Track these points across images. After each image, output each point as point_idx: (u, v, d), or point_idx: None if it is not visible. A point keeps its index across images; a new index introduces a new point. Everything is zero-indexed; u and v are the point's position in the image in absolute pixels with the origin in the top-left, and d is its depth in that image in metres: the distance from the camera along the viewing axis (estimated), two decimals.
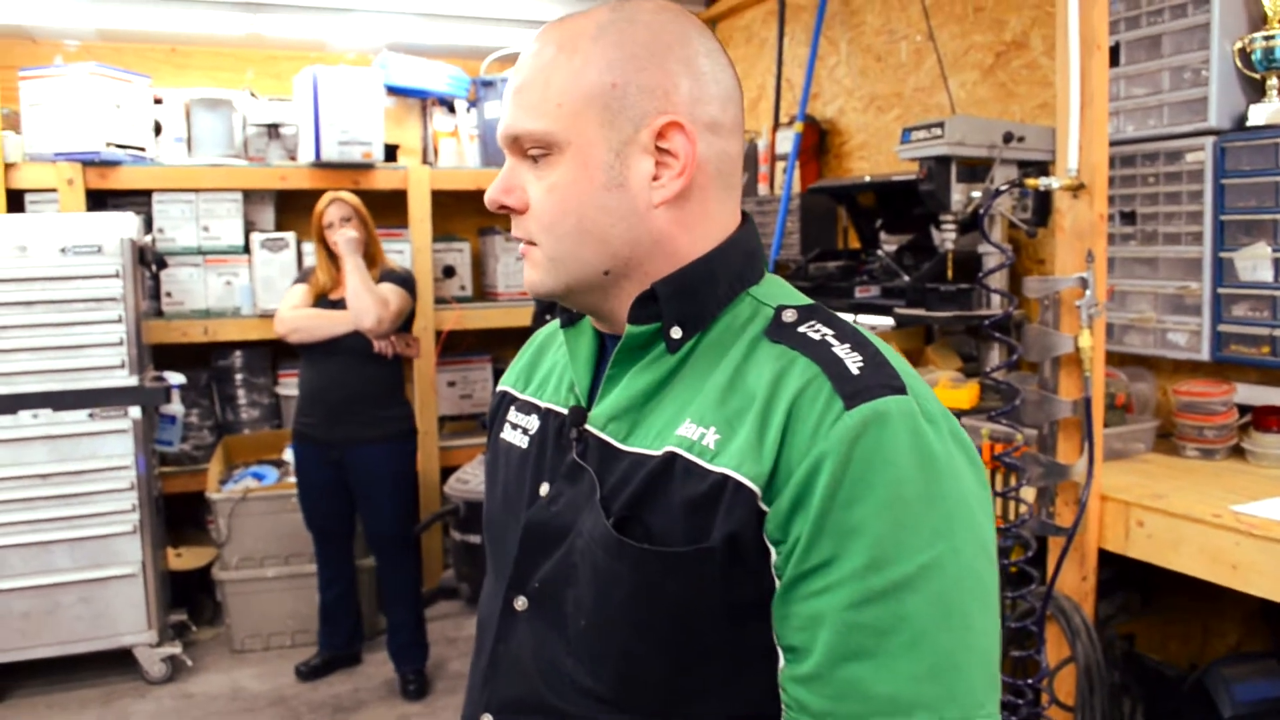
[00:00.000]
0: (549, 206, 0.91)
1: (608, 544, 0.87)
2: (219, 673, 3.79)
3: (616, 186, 0.90)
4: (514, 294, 4.79)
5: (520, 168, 0.94)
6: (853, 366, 0.84)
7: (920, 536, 0.78)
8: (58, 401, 3.51)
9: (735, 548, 0.83)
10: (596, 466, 0.92)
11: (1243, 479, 2.19)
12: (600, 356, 1.01)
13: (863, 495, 0.78)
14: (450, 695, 3.59)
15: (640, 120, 0.90)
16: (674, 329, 0.92)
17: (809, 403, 0.83)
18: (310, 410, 3.55)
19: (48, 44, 4.36)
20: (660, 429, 0.90)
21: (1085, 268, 2.10)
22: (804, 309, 0.93)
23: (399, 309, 3.45)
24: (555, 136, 0.90)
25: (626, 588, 0.87)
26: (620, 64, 0.90)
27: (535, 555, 0.96)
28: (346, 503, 3.60)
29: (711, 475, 0.84)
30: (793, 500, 0.81)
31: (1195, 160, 2.39)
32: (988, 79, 3.16)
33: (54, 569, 3.55)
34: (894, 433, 0.80)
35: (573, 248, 0.92)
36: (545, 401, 1.05)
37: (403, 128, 4.66)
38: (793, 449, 0.82)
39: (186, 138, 4.30)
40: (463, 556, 4.37)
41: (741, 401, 0.86)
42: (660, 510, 0.86)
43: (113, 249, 3.54)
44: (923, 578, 0.78)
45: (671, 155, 0.91)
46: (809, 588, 0.80)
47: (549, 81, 0.91)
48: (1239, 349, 2.35)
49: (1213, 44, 2.34)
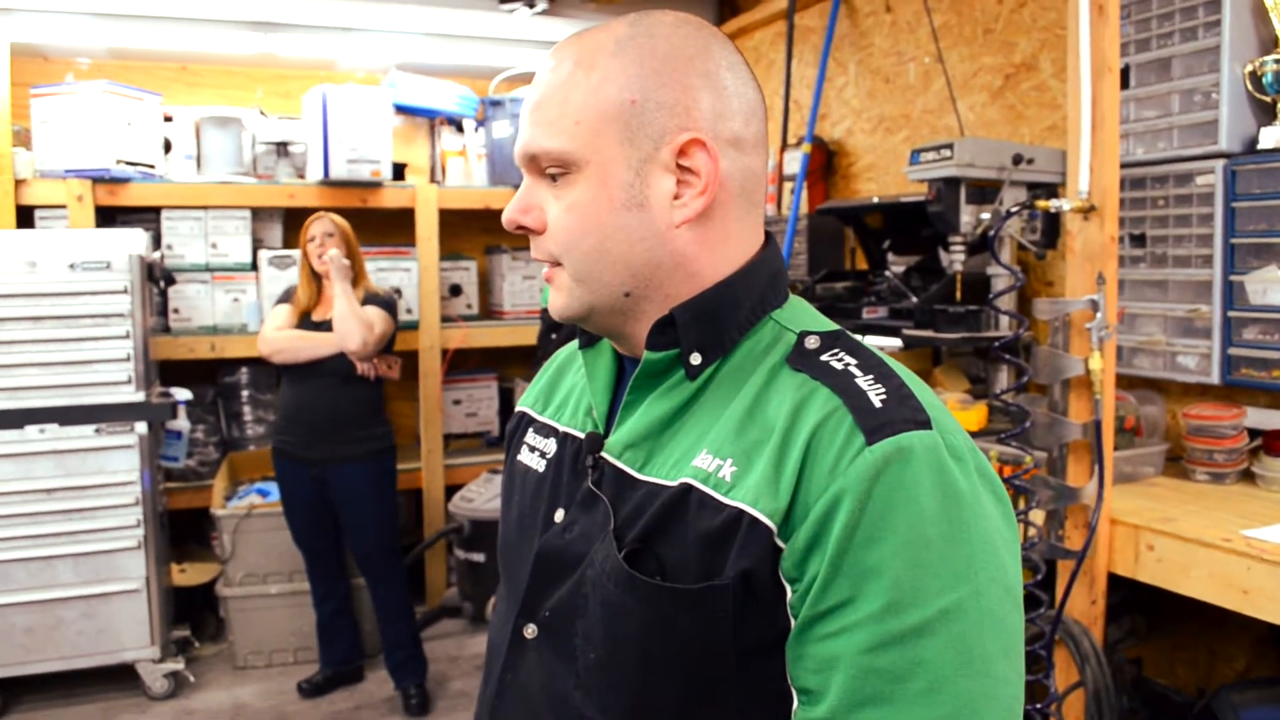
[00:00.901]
0: (568, 226, 0.89)
1: (619, 577, 0.85)
2: (221, 689, 3.77)
3: (636, 206, 0.88)
4: (520, 313, 4.79)
5: (538, 187, 0.92)
6: (875, 399, 0.81)
7: (941, 579, 0.75)
8: (64, 417, 3.51)
9: (749, 585, 0.80)
10: (611, 495, 0.90)
11: (1253, 503, 2.18)
12: (619, 380, 0.99)
13: (882, 535, 0.75)
14: (452, 713, 3.57)
15: (660, 137, 0.87)
16: (693, 355, 0.89)
17: (829, 436, 0.80)
18: (290, 429, 3.57)
19: (60, 62, 4.39)
20: (677, 459, 0.87)
21: (1096, 290, 2.09)
22: (827, 335, 0.89)
23: (383, 332, 3.49)
24: (573, 155, 0.87)
25: (637, 622, 0.84)
26: (640, 80, 0.87)
27: (546, 584, 0.93)
28: (331, 519, 3.61)
29: (726, 509, 0.81)
30: (809, 538, 0.78)
31: (1205, 183, 2.38)
32: (996, 101, 3.17)
33: (58, 584, 3.53)
34: (917, 470, 0.77)
35: (592, 269, 0.89)
36: (564, 425, 1.03)
37: (411, 146, 4.68)
38: (811, 484, 0.79)
39: (196, 155, 4.32)
40: (466, 575, 4.35)
41: (760, 433, 0.83)
42: (674, 543, 0.84)
43: (121, 265, 3.55)
44: (942, 621, 0.74)
45: (693, 173, 0.88)
46: (824, 629, 0.77)
47: (567, 99, 0.88)
48: (1249, 372, 2.34)
49: (1223, 67, 2.34)
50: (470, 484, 4.44)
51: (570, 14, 3.94)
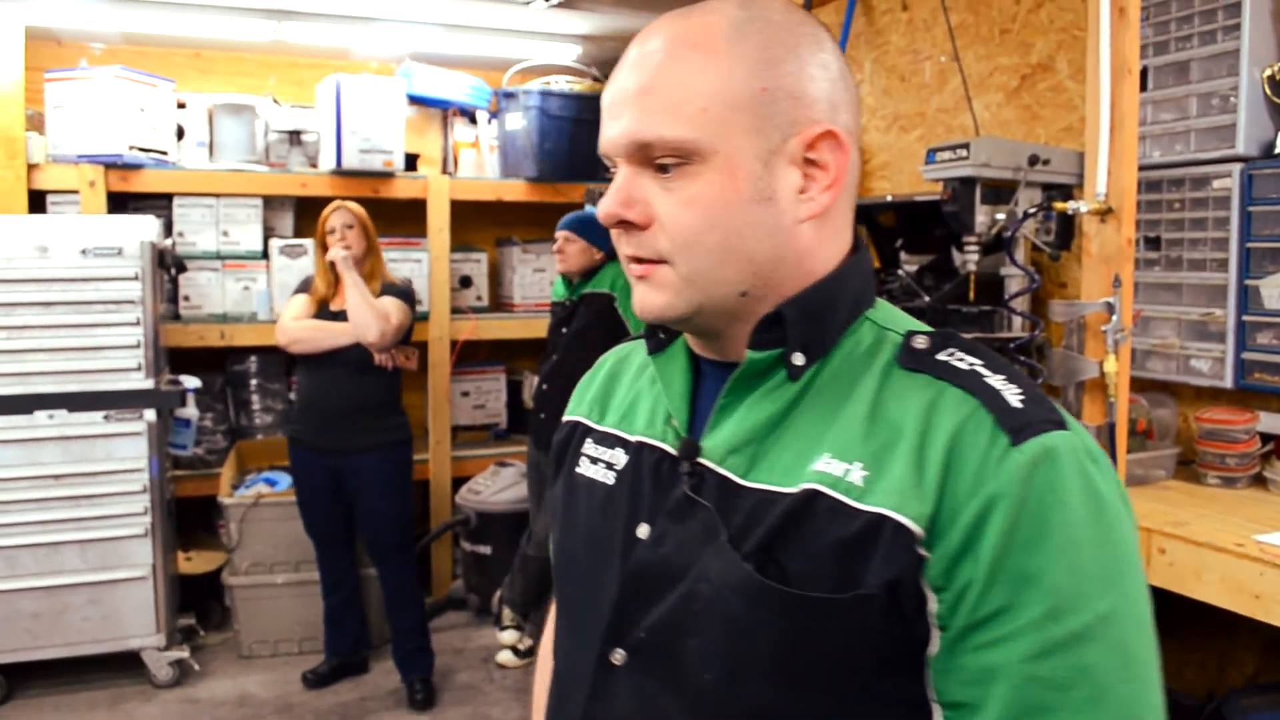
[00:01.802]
0: (689, 222, 0.82)
1: (748, 589, 0.79)
2: (226, 678, 3.78)
3: (765, 200, 0.82)
4: (530, 305, 4.79)
5: (640, 178, 0.85)
6: (1013, 399, 0.78)
7: (1096, 583, 0.73)
8: (73, 403, 3.52)
9: (895, 595, 0.76)
10: (716, 504, 0.84)
11: (1265, 508, 2.17)
12: (695, 383, 0.93)
13: (1039, 539, 0.73)
14: (457, 706, 3.58)
15: (789, 128, 0.83)
16: (796, 355, 0.85)
17: (971, 437, 0.76)
18: (305, 418, 3.58)
19: (73, 46, 4.39)
20: (789, 464, 0.82)
21: (1112, 292, 2.08)
22: (936, 335, 0.85)
23: (400, 323, 3.48)
24: (699, 145, 0.81)
25: (771, 638, 0.79)
26: (767, 66, 0.82)
27: (641, 602, 0.86)
28: (344, 510, 3.61)
29: (863, 515, 0.77)
30: (960, 544, 0.74)
31: (1222, 187, 2.37)
32: (1012, 101, 3.15)
33: (64, 570, 3.54)
34: (1064, 471, 0.75)
35: (713, 266, 0.83)
36: (636, 435, 0.95)
37: (424, 137, 4.68)
38: (957, 488, 0.75)
39: (208, 142, 4.32)
40: (472, 567, 4.36)
41: (887, 435, 0.79)
42: (800, 552, 0.79)
43: (133, 251, 3.55)
44: (1102, 626, 0.73)
45: (819, 166, 0.84)
46: (980, 638, 0.74)
47: (688, 83, 0.82)
48: (1263, 377, 2.33)
49: (1242, 70, 2.33)
50: (478, 476, 4.44)
51: (587, 7, 3.92)
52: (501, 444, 4.87)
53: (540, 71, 4.73)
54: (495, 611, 4.12)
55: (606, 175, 0.89)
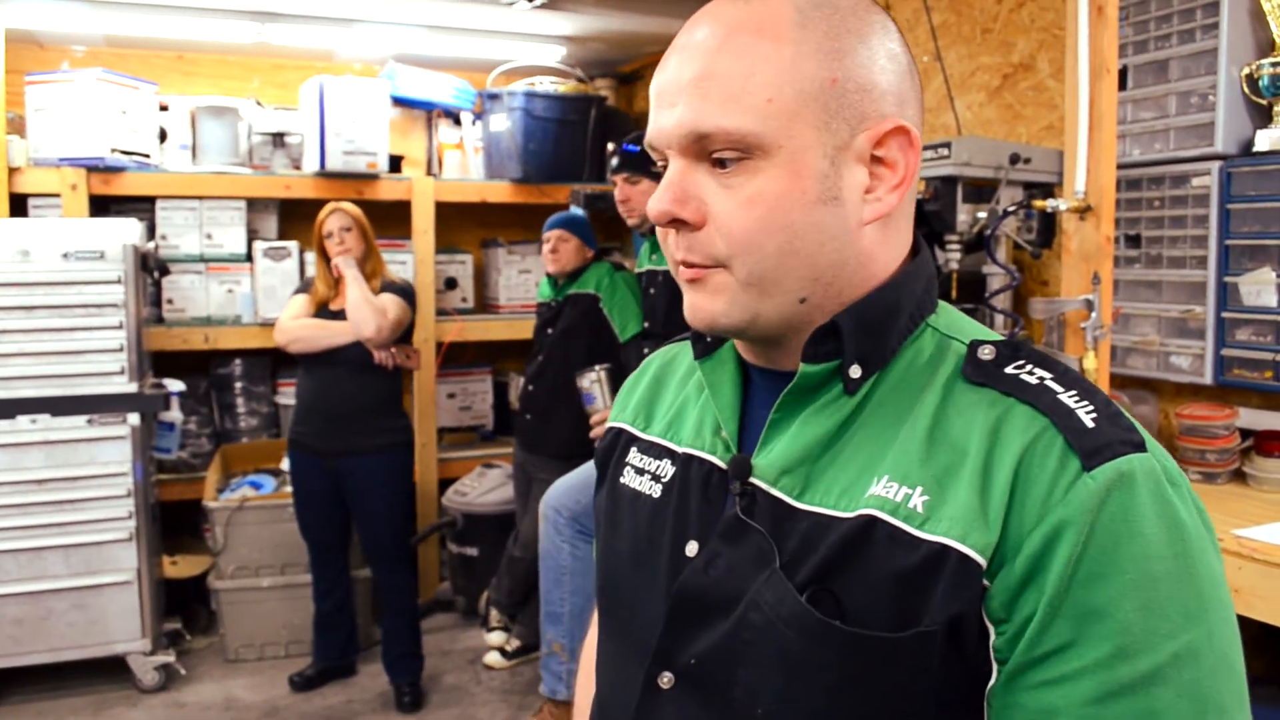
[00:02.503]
0: (750, 223, 0.77)
1: (804, 625, 0.75)
2: (212, 682, 3.77)
3: (831, 200, 0.77)
4: (515, 306, 4.79)
5: (695, 174, 0.79)
6: (1086, 418, 0.72)
7: (1171, 621, 0.67)
8: (56, 407, 3.50)
9: (958, 631, 0.71)
10: (768, 528, 0.79)
11: (1244, 503, 2.19)
12: (745, 392, 0.88)
13: (1108, 572, 0.68)
14: (444, 709, 3.57)
15: (857, 123, 0.77)
16: (853, 368, 0.79)
17: (1039, 460, 0.71)
18: (306, 419, 3.55)
19: (55, 49, 4.37)
20: (845, 486, 0.77)
21: (1091, 290, 2.10)
22: (1003, 345, 0.80)
23: (398, 319, 3.46)
24: (763, 138, 0.75)
25: (824, 676, 0.75)
26: (837, 56, 0.77)
27: (690, 627, 0.82)
28: (342, 513, 3.59)
29: (924, 545, 0.72)
30: (1024, 575, 0.70)
31: (1201, 185, 2.39)
32: (994, 100, 3.17)
33: (48, 575, 3.52)
34: (1140, 498, 0.69)
35: (774, 270, 0.78)
36: (683, 446, 0.90)
37: (408, 139, 4.67)
38: (1023, 514, 0.70)
39: (191, 145, 4.31)
40: (459, 569, 4.36)
41: (949, 456, 0.74)
42: (857, 583, 0.74)
43: (115, 255, 3.54)
44: (1175, 668, 0.67)
45: (886, 165, 0.79)
46: (1040, 676, 0.69)
47: (752, 72, 0.76)
48: (1242, 373, 2.35)
49: (1220, 69, 2.34)
50: (464, 478, 4.44)
51: (570, 8, 3.92)
52: (488, 445, 4.86)
53: (524, 73, 4.73)
54: (482, 613, 4.12)
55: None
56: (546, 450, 3.68)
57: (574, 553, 3.19)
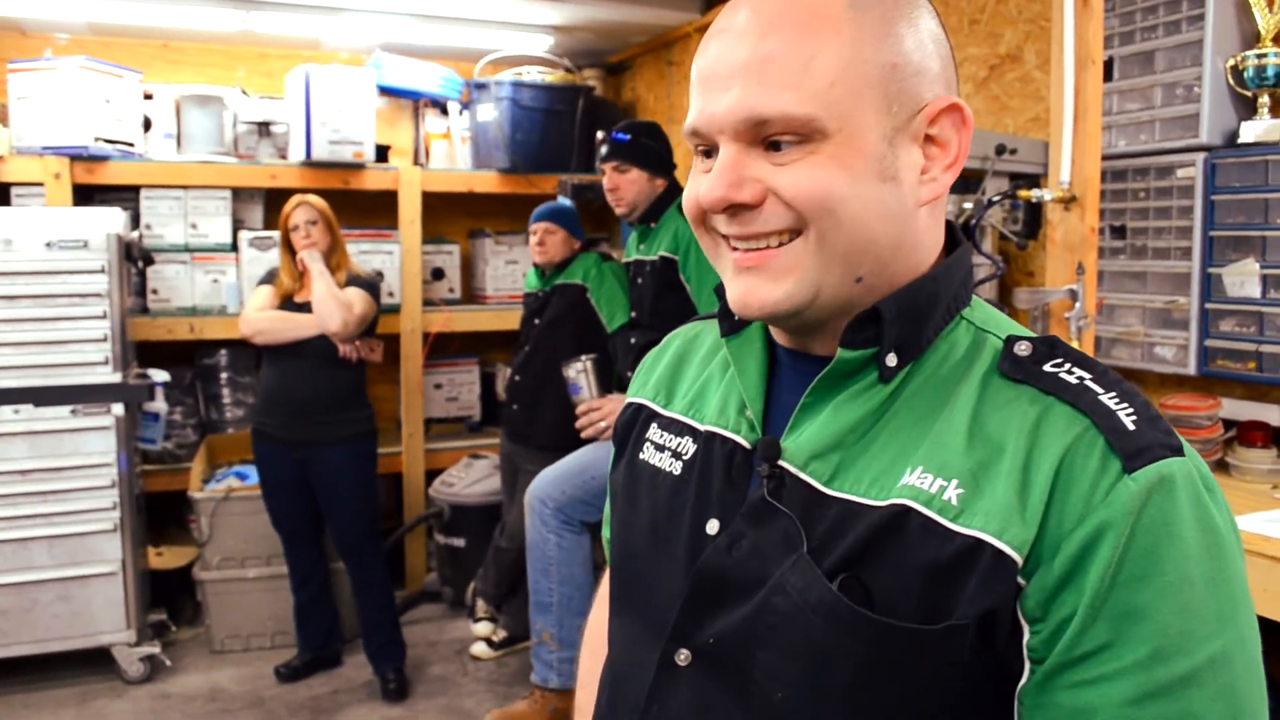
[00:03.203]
0: (815, 189, 0.76)
1: (832, 611, 0.74)
2: (198, 673, 3.76)
3: (891, 179, 0.77)
4: (503, 297, 4.78)
5: (749, 158, 0.78)
6: (1127, 420, 0.72)
7: (1207, 624, 0.68)
8: (40, 397, 3.48)
9: (989, 626, 0.71)
10: (797, 512, 0.79)
11: (1227, 493, 2.16)
12: (771, 372, 0.88)
13: (1148, 574, 0.68)
14: (430, 699, 3.57)
15: (914, 104, 0.78)
16: (889, 356, 0.79)
17: (1081, 461, 0.71)
18: (270, 410, 3.56)
19: (38, 37, 4.34)
20: (877, 474, 0.77)
21: (1075, 280, 2.10)
22: (1039, 342, 0.80)
23: (363, 313, 3.47)
24: (826, 123, 0.75)
25: (850, 664, 0.74)
26: (894, 40, 0.77)
27: (710, 606, 0.82)
28: (311, 503, 3.60)
29: (958, 538, 0.72)
30: (1062, 575, 0.70)
31: (1186, 176, 2.40)
32: (981, 91, 3.17)
33: (32, 566, 3.51)
34: (1179, 502, 0.69)
35: (844, 240, 0.77)
36: (706, 424, 0.90)
37: (394, 128, 4.65)
38: (1063, 514, 0.70)
39: (176, 134, 4.28)
40: (446, 560, 4.35)
41: (985, 451, 0.74)
42: (886, 573, 0.74)
43: (99, 244, 3.52)
44: (1211, 670, 0.68)
45: (938, 145, 0.79)
46: (1077, 676, 0.70)
47: (812, 56, 0.75)
48: (1225, 364, 2.35)
49: (1205, 61, 2.35)
50: (451, 469, 4.43)
51: None
52: (475, 436, 4.86)
53: (512, 62, 4.71)
54: (469, 604, 4.12)
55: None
56: (533, 441, 3.68)
57: (560, 543, 3.19)
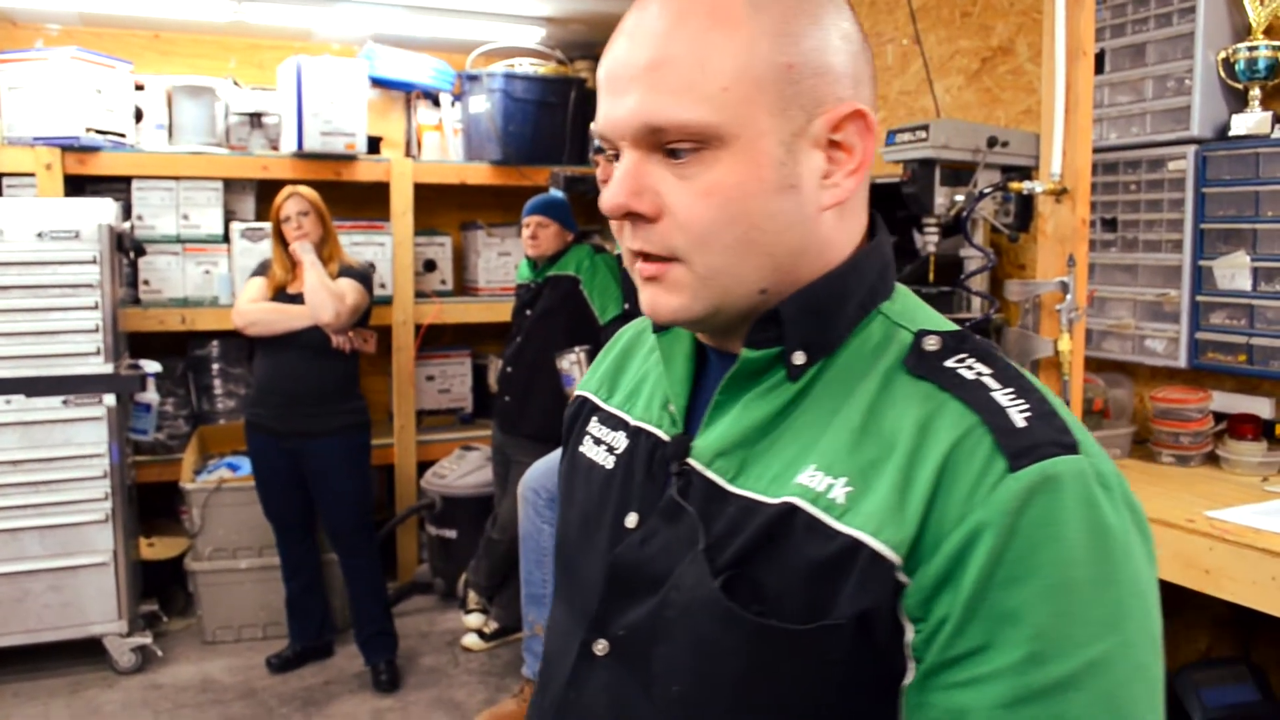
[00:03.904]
0: (706, 214, 0.75)
1: (714, 608, 0.75)
2: (189, 664, 3.76)
3: (789, 188, 0.75)
4: (494, 289, 4.78)
5: (649, 165, 0.77)
6: (1018, 417, 0.71)
7: (1088, 628, 0.66)
8: (31, 388, 3.47)
9: (867, 626, 0.71)
10: (699, 509, 0.79)
11: (1217, 485, 2.21)
12: (699, 370, 0.88)
13: (1026, 576, 0.66)
14: (422, 690, 3.58)
15: (813, 108, 0.75)
16: (796, 354, 0.78)
17: (965, 459, 0.70)
18: (263, 401, 3.55)
19: (29, 27, 4.32)
20: (778, 472, 0.77)
21: (1066, 272, 2.11)
22: (950, 336, 0.78)
23: (355, 304, 3.47)
24: (719, 129, 0.73)
25: (732, 661, 0.75)
26: (792, 39, 0.75)
27: (621, 599, 0.83)
28: (303, 494, 3.60)
29: (840, 537, 0.71)
30: (941, 574, 0.69)
31: (1177, 169, 2.40)
32: (973, 84, 3.18)
33: (24, 556, 3.50)
34: (1065, 502, 0.67)
35: (733, 263, 0.76)
36: (636, 418, 0.91)
37: (386, 120, 4.64)
38: (944, 513, 0.69)
39: (168, 125, 4.27)
40: (438, 551, 4.35)
41: (877, 449, 0.73)
42: (774, 570, 0.74)
43: (90, 235, 3.51)
44: (1088, 675, 0.66)
45: (843, 149, 0.77)
46: (953, 677, 0.68)
47: (706, 59, 0.73)
48: (1216, 356, 2.36)
49: (1197, 53, 2.36)
50: (443, 460, 4.43)
51: None
52: (467, 428, 4.86)
53: (504, 54, 4.70)
54: (461, 595, 4.12)
55: (592, 159, 0.83)
56: (525, 432, 3.68)
57: (553, 534, 3.19)
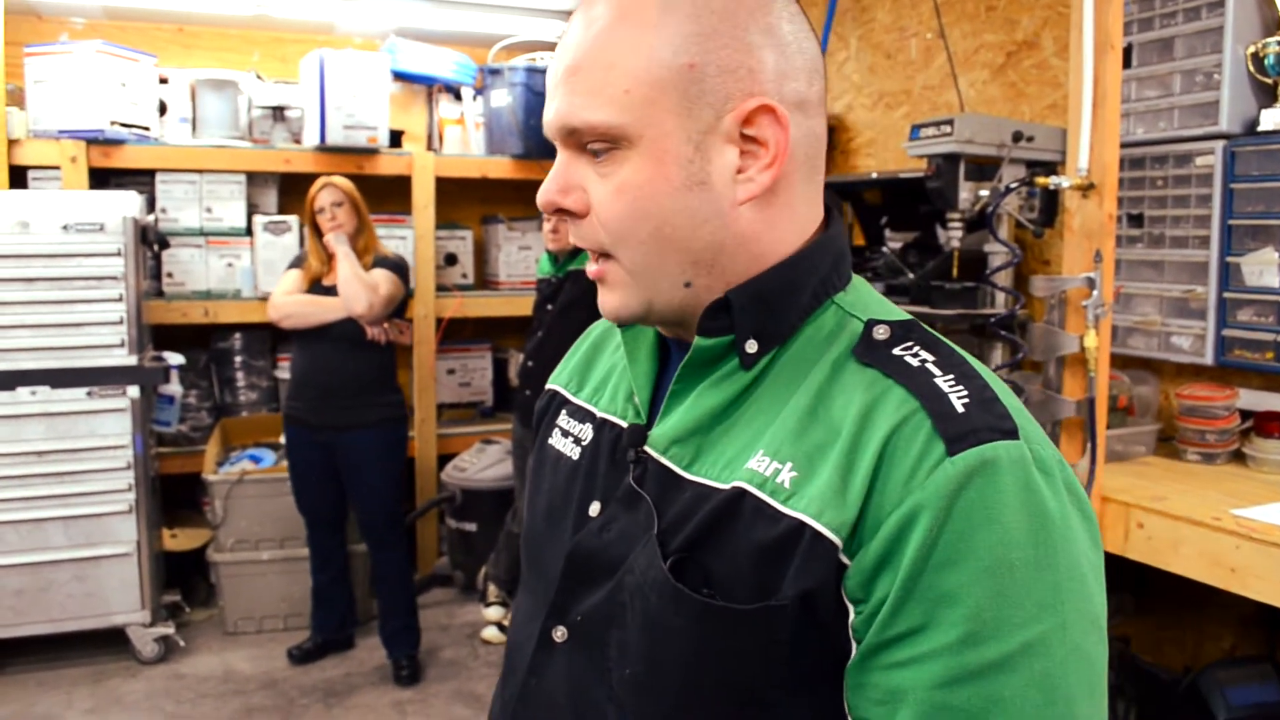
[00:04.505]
0: (619, 211, 0.78)
1: (663, 590, 0.77)
2: (211, 654, 3.78)
3: (698, 184, 0.78)
4: (515, 283, 4.79)
5: (577, 164, 0.81)
6: (957, 402, 0.73)
7: (1024, 610, 0.68)
8: (56, 379, 3.50)
9: (810, 606, 0.72)
10: (655, 495, 0.81)
11: (1243, 484, 2.19)
12: (663, 363, 0.90)
13: (962, 558, 0.68)
14: (442, 682, 3.59)
15: (722, 105, 0.77)
16: (749, 343, 0.80)
17: (904, 443, 0.72)
18: (299, 394, 3.56)
19: (54, 21, 4.35)
20: (730, 458, 0.79)
21: (1093, 268, 2.09)
22: (898, 325, 0.80)
23: (390, 294, 3.46)
24: (625, 129, 0.77)
25: (681, 642, 0.76)
26: (697, 39, 0.76)
27: (579, 585, 0.85)
28: (337, 487, 3.61)
29: (785, 519, 0.73)
30: (879, 556, 0.70)
31: (1204, 164, 2.38)
32: (998, 78, 3.15)
33: (48, 547, 3.54)
34: (1002, 485, 0.69)
35: (651, 258, 0.79)
36: (601, 410, 0.94)
37: (408, 113, 4.65)
38: (883, 496, 0.71)
39: (191, 118, 4.29)
40: (458, 544, 4.37)
41: (824, 434, 0.75)
42: (723, 554, 0.75)
43: (115, 227, 3.53)
44: (1024, 656, 0.67)
45: (758, 143, 0.78)
46: (891, 657, 0.70)
47: (612, 62, 0.77)
48: (1243, 354, 2.34)
49: (1225, 48, 2.33)
50: (463, 453, 4.45)
51: None
52: (487, 421, 4.87)
53: (526, 48, 4.70)
54: (480, 588, 4.13)
55: None
56: None
57: None
